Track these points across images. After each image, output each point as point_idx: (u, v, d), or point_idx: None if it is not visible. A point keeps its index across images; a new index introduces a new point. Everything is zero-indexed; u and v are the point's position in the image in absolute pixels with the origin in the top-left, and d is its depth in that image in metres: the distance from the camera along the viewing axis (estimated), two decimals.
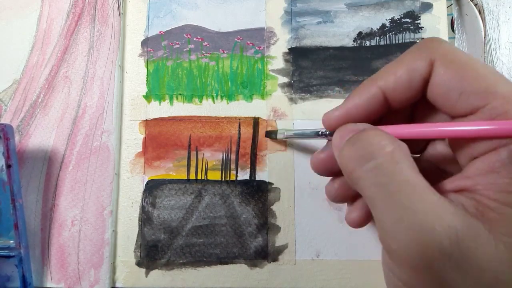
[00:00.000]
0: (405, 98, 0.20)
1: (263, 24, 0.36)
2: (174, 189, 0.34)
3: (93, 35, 0.36)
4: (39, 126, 0.35)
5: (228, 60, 0.36)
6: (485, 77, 0.18)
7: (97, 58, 0.35)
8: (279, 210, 0.34)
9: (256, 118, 0.35)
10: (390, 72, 0.20)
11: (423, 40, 0.21)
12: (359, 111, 0.21)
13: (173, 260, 0.33)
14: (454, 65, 0.18)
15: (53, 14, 0.36)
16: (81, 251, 0.33)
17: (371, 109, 0.21)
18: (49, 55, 0.36)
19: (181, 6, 0.37)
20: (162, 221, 0.34)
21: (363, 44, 0.36)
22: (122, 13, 0.36)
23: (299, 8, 0.36)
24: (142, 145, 0.35)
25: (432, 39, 0.20)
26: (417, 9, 0.36)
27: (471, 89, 0.18)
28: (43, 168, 0.34)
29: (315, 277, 0.33)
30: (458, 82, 0.18)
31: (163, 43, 0.36)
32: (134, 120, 0.35)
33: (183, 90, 0.35)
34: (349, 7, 0.36)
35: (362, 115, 0.21)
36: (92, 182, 0.34)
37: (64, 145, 0.34)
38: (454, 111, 0.19)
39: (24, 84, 0.35)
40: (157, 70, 0.36)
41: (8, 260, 0.31)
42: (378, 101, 0.20)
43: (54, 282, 0.33)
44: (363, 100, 0.21)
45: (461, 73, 0.18)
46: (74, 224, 0.33)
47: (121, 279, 0.33)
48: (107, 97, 0.35)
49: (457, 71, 0.18)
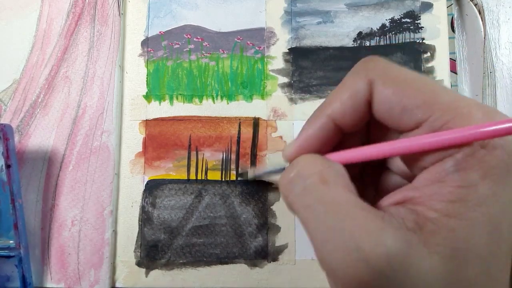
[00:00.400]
0: (354, 122, 0.20)
1: (263, 24, 0.36)
2: (174, 189, 0.34)
3: (93, 35, 0.36)
4: (39, 126, 0.35)
5: (228, 60, 0.36)
6: (424, 90, 0.18)
7: (97, 58, 0.35)
8: (279, 210, 0.34)
9: (256, 118, 0.35)
10: (335, 98, 0.20)
11: (360, 61, 0.21)
12: (313, 142, 0.21)
13: (173, 260, 0.33)
14: (393, 82, 0.19)
15: (53, 14, 0.36)
16: (81, 251, 0.33)
17: (324, 138, 0.21)
18: (49, 55, 0.36)
19: (181, 6, 0.37)
20: (162, 221, 0.34)
21: (363, 44, 0.36)
22: (122, 13, 0.36)
23: (299, 8, 0.36)
24: (142, 145, 0.35)
25: (368, 59, 0.20)
26: (417, 9, 0.36)
27: (411, 104, 0.18)
28: (43, 168, 0.34)
29: (315, 277, 0.33)
30: (398, 98, 0.18)
31: (163, 43, 0.36)
32: (134, 120, 0.35)
33: (183, 90, 0.35)
34: (349, 7, 0.36)
35: (316, 145, 0.21)
36: (92, 182, 0.34)
37: (64, 145, 0.34)
38: (401, 127, 0.19)
39: (24, 84, 0.35)
40: (157, 70, 0.36)
41: (8, 260, 0.31)
42: (329, 129, 0.21)
43: (54, 282, 0.33)
44: (315, 130, 0.21)
45: (400, 89, 0.18)
46: (74, 224, 0.33)
47: (121, 279, 0.33)
48: (107, 97, 0.35)
49: (396, 87, 0.18)
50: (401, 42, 0.35)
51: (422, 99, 0.18)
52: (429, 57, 0.35)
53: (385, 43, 0.35)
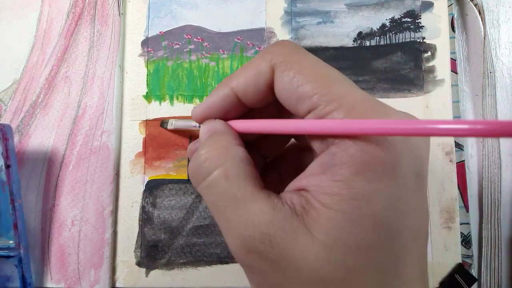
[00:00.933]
0: (255, 99, 0.21)
1: (263, 24, 0.36)
2: (175, 189, 0.34)
3: (93, 35, 0.36)
4: (39, 126, 0.35)
5: (228, 61, 0.36)
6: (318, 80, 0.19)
7: (97, 58, 0.35)
8: None
9: None
10: (241, 73, 0.21)
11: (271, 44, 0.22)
12: (217, 109, 0.22)
13: (173, 260, 0.33)
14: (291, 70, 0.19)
15: (53, 14, 0.36)
16: (81, 251, 0.33)
17: (227, 107, 0.22)
18: (49, 55, 0.36)
19: (181, 7, 0.37)
20: (162, 221, 0.34)
21: (363, 44, 0.36)
22: (122, 13, 0.36)
23: (299, 8, 0.36)
24: (142, 145, 0.35)
25: (278, 42, 0.21)
26: (418, 8, 0.36)
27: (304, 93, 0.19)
28: (43, 168, 0.34)
29: None
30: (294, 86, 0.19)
31: (163, 43, 0.36)
32: (134, 120, 0.35)
33: (183, 91, 0.35)
34: (349, 7, 0.36)
35: (219, 112, 0.22)
36: (92, 182, 0.34)
37: (64, 145, 0.34)
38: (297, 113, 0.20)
39: (24, 84, 0.35)
40: (157, 70, 0.36)
41: (8, 260, 0.31)
42: (231, 100, 0.22)
43: (54, 282, 0.33)
44: (219, 98, 0.22)
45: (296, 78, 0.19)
46: (74, 224, 0.33)
47: (121, 279, 0.33)
48: (107, 97, 0.35)
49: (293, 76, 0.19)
50: (402, 42, 0.35)
51: (314, 89, 0.18)
52: (429, 56, 0.35)
53: (385, 42, 0.36)
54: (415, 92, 0.35)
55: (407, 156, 0.18)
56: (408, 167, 0.18)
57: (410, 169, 0.18)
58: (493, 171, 0.34)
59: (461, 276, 0.32)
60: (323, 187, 0.18)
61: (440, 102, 0.34)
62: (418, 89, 0.35)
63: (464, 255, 0.33)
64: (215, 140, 0.21)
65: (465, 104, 0.36)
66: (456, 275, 0.32)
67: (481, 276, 0.33)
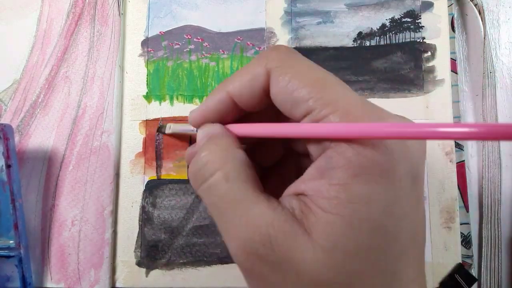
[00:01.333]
0: (251, 104, 0.21)
1: (263, 24, 0.36)
2: (175, 189, 0.34)
3: (93, 35, 0.36)
4: (39, 126, 0.35)
5: (229, 61, 0.36)
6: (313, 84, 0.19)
7: (97, 58, 0.35)
8: None
9: None
10: (237, 78, 0.21)
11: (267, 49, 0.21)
12: (214, 113, 0.22)
13: (173, 260, 0.33)
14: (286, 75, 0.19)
15: (53, 14, 0.36)
16: (81, 251, 0.33)
17: (223, 111, 0.22)
18: (49, 55, 0.36)
19: (181, 7, 0.37)
20: (162, 221, 0.34)
21: (363, 44, 0.36)
22: (122, 13, 0.36)
23: (299, 8, 0.36)
24: (142, 145, 0.35)
25: (273, 47, 0.21)
26: (418, 8, 0.36)
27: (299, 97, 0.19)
28: (43, 168, 0.34)
29: None
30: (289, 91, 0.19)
31: (163, 44, 0.36)
32: (134, 120, 0.35)
33: (183, 91, 0.35)
34: (349, 7, 0.36)
35: (216, 116, 0.22)
36: (92, 182, 0.34)
37: (64, 145, 0.34)
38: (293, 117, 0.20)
39: (24, 84, 0.35)
40: (157, 70, 0.36)
41: (8, 260, 0.31)
42: (227, 104, 0.22)
43: (54, 282, 0.33)
44: (215, 102, 0.22)
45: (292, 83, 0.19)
46: (74, 224, 0.33)
47: (121, 279, 0.33)
48: (107, 97, 0.35)
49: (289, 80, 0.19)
50: (402, 42, 0.35)
51: (309, 93, 0.18)
52: (429, 56, 0.35)
53: (385, 42, 0.36)
54: (415, 92, 0.35)
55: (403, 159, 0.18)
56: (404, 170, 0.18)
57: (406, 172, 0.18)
58: (493, 171, 0.34)
59: (461, 276, 0.32)
60: (321, 191, 0.18)
61: (440, 102, 0.34)
62: (418, 89, 0.35)
63: (464, 255, 0.33)
64: (215, 143, 0.21)
65: (465, 104, 0.36)
66: (456, 275, 0.32)
67: (481, 276, 0.33)
